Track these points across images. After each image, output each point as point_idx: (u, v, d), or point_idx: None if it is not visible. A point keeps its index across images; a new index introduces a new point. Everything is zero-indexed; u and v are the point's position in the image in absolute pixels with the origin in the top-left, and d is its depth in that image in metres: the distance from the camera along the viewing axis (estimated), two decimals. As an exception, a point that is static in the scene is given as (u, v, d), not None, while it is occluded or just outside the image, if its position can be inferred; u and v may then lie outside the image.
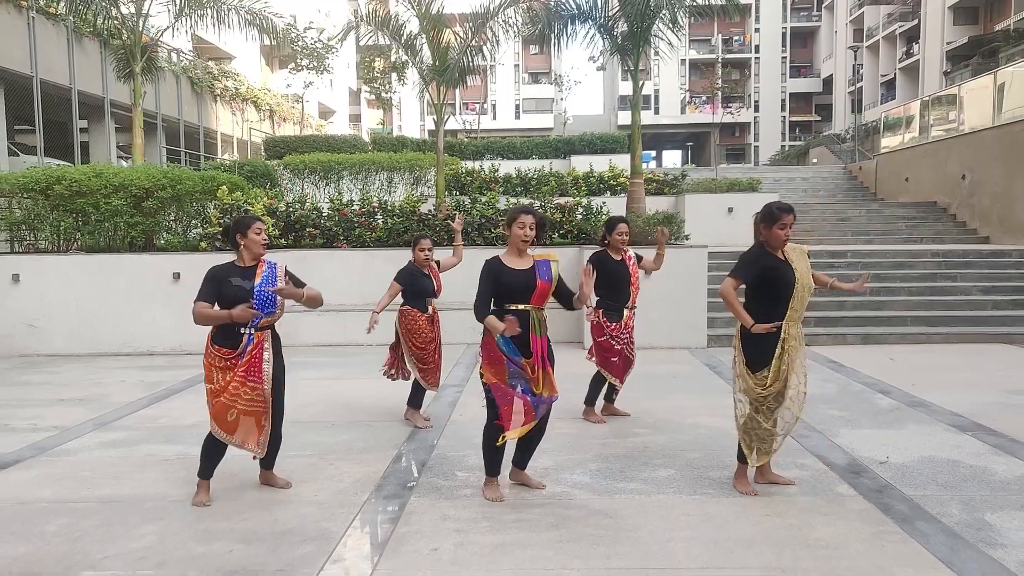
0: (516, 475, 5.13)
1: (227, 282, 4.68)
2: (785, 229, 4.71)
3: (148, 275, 10.98)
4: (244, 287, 4.69)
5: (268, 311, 4.74)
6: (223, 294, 4.67)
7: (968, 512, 4.53)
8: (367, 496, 4.95)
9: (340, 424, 6.78)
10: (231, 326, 4.67)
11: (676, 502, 4.78)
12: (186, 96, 29.49)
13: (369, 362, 9.86)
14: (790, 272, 4.70)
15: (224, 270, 4.76)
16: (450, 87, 14.52)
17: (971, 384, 8.29)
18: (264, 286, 4.73)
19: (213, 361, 4.72)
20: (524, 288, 4.66)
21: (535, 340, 4.67)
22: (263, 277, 4.75)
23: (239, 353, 4.69)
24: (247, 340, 4.70)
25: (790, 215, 4.74)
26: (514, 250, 4.77)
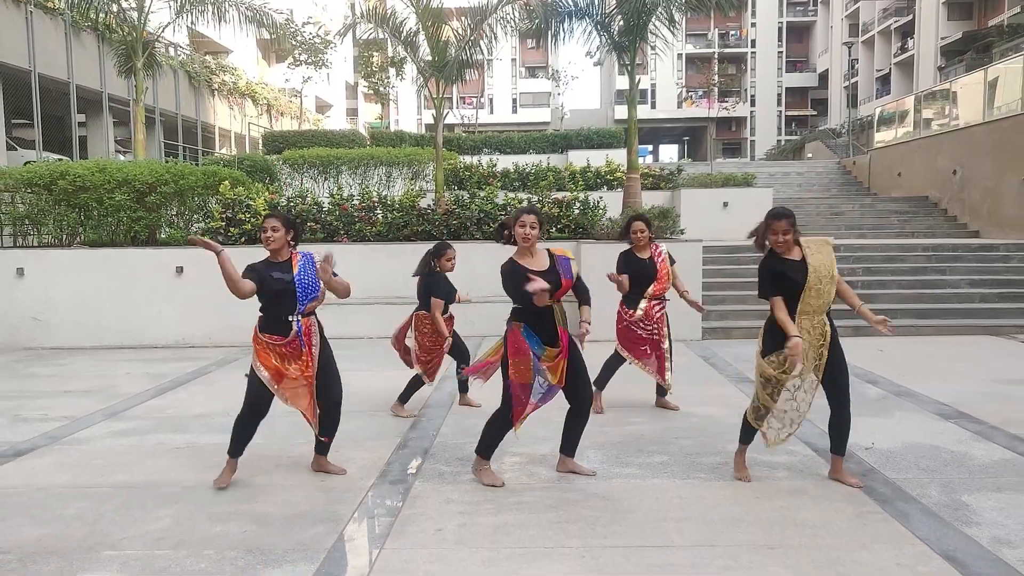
0: (563, 464, 5.28)
1: (269, 276, 4.88)
2: (776, 236, 4.75)
3: (151, 269, 11.17)
4: (285, 279, 4.92)
5: (311, 297, 4.99)
6: (267, 285, 4.88)
7: (946, 493, 4.75)
8: (373, 481, 5.15)
9: (344, 414, 6.91)
10: (278, 315, 4.92)
11: (670, 486, 4.99)
12: (184, 91, 29.61)
13: (370, 355, 10.07)
14: (801, 271, 4.76)
15: (262, 265, 4.96)
16: (449, 83, 14.70)
17: (958, 374, 8.51)
18: (304, 275, 4.97)
19: (263, 347, 4.97)
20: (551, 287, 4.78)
21: (561, 332, 4.91)
22: (300, 267, 4.99)
23: (291, 340, 4.94)
24: (296, 327, 4.95)
25: (780, 221, 4.74)
26: (523, 251, 4.92)
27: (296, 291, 4.93)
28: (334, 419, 5.30)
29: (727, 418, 6.69)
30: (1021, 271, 13.06)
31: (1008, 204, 16.60)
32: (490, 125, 54.96)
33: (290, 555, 4.01)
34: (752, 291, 12.53)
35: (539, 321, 4.85)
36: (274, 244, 4.99)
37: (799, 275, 4.78)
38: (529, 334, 4.82)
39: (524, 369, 4.85)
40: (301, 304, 4.97)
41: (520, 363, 4.85)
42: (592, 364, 8.10)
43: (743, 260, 13.73)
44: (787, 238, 4.76)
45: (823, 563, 3.84)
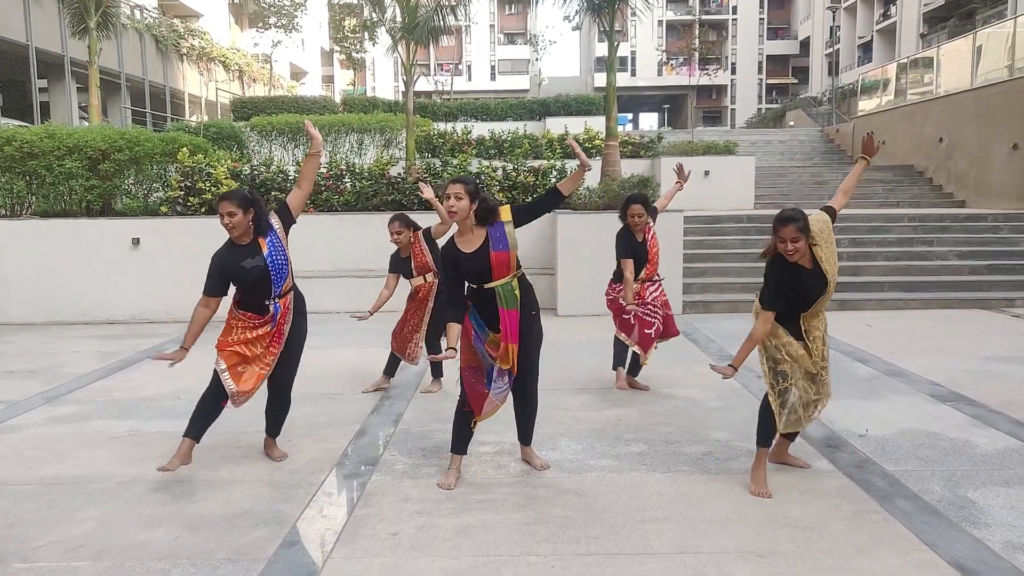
0: (522, 452, 4.91)
1: (241, 268, 4.46)
2: (784, 244, 4.10)
3: (106, 241, 10.59)
4: (258, 265, 4.49)
5: (285, 276, 4.61)
6: (241, 279, 4.48)
7: (950, 489, 4.37)
8: (325, 475, 4.71)
9: (302, 397, 6.41)
10: (255, 295, 4.55)
11: (649, 480, 4.59)
12: (151, 55, 28.66)
13: (337, 331, 9.59)
14: (818, 280, 4.22)
15: (229, 256, 4.51)
16: (420, 45, 14.10)
17: (948, 351, 8.17)
18: (275, 255, 4.55)
19: (238, 323, 4.60)
20: (480, 271, 4.33)
21: (503, 314, 4.38)
22: (268, 247, 4.54)
23: (268, 320, 4.59)
24: (274, 309, 4.59)
25: (787, 227, 4.08)
26: (462, 227, 4.38)
27: (271, 275, 4.51)
28: (282, 401, 4.95)
29: (709, 401, 6.31)
30: (1011, 242, 12.75)
31: (996, 173, 16.28)
32: (468, 92, 54.05)
33: (224, 567, 3.57)
34: (735, 263, 12.26)
35: (480, 302, 4.40)
36: (236, 231, 4.48)
37: (817, 284, 4.24)
38: (474, 316, 4.40)
39: (469, 351, 4.46)
40: (276, 287, 4.57)
41: (465, 345, 4.45)
42: (577, 338, 7.71)
43: (725, 231, 13.33)
44: (797, 246, 4.09)
45: (819, 572, 3.45)
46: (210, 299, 4.50)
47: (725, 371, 4.29)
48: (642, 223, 6.26)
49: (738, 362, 4.29)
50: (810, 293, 4.25)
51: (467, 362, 4.48)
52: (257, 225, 4.52)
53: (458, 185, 4.28)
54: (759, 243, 12.82)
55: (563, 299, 10.67)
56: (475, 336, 4.40)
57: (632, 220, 6.23)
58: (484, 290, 4.36)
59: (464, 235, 4.39)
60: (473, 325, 4.40)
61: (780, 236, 4.12)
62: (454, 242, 4.39)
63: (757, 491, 4.32)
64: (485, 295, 4.37)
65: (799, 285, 4.22)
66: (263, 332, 4.61)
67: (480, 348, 4.42)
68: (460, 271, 4.35)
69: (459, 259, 4.34)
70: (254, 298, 4.57)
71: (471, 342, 4.43)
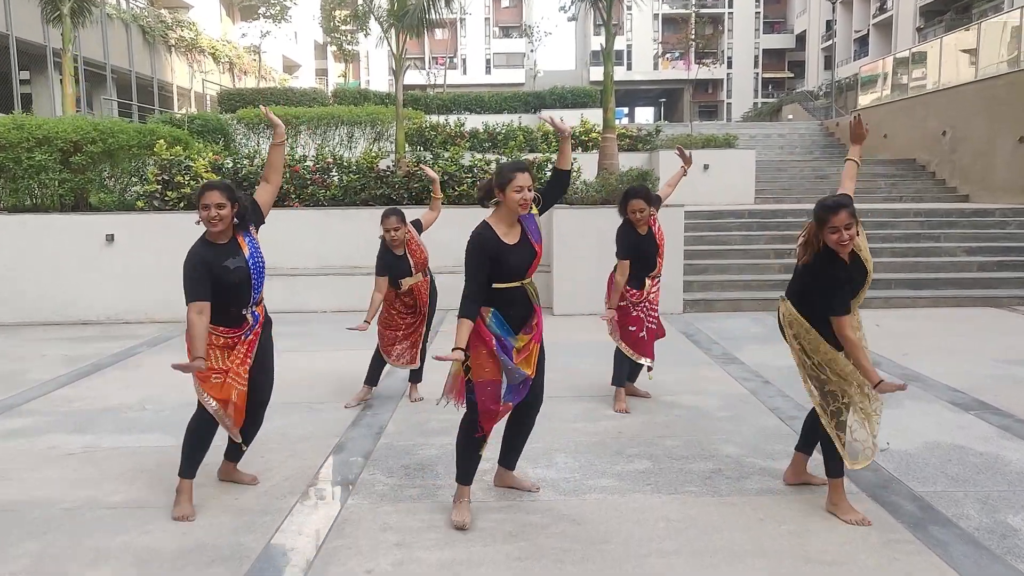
0: (503, 478, 4.35)
1: (224, 268, 3.93)
2: (838, 233, 3.67)
3: (79, 237, 10.10)
4: (241, 266, 3.98)
5: (263, 280, 4.13)
6: (225, 281, 3.93)
7: (988, 514, 3.94)
8: (296, 499, 4.25)
9: (279, 406, 5.97)
10: (233, 303, 4.00)
11: (654, 503, 4.14)
12: (137, 46, 28.11)
13: (322, 332, 9.15)
14: (860, 271, 3.84)
15: (209, 254, 3.94)
16: (411, 35, 13.59)
17: (964, 352, 7.75)
18: (255, 256, 4.08)
19: (209, 341, 3.95)
20: (523, 265, 3.87)
21: (537, 311, 3.99)
22: (249, 247, 4.06)
23: (244, 332, 4.05)
24: (252, 319, 4.08)
25: (839, 213, 3.65)
26: (508, 218, 3.86)
27: (252, 277, 4.02)
28: (257, 422, 4.40)
29: (717, 410, 5.87)
30: (1020, 237, 12.34)
31: (1001, 166, 15.86)
32: (463, 86, 53.38)
33: (171, 614, 3.12)
34: (737, 260, 11.81)
35: (511, 304, 3.86)
36: (222, 225, 3.95)
37: (860, 276, 3.85)
38: (499, 321, 3.82)
39: (490, 363, 3.81)
40: (256, 292, 4.08)
41: (483, 356, 3.83)
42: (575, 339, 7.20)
43: (726, 227, 12.89)
44: (851, 233, 3.67)
45: (852, 620, 3.02)
46: (203, 304, 3.84)
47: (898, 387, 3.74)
48: (644, 217, 5.77)
49: (876, 378, 3.71)
50: (857, 285, 3.85)
51: (485, 376, 3.83)
52: (239, 222, 4.05)
53: (527, 175, 3.80)
54: (761, 239, 12.41)
55: (559, 298, 10.23)
56: (498, 345, 3.82)
57: (634, 216, 5.74)
58: (517, 289, 3.88)
59: (504, 225, 3.86)
60: (496, 332, 3.83)
61: (832, 226, 3.67)
62: (495, 232, 3.83)
63: (851, 519, 3.85)
64: (517, 294, 3.88)
65: (853, 278, 3.83)
66: (240, 348, 4.07)
67: (506, 358, 3.82)
68: (497, 264, 3.78)
69: (502, 251, 3.79)
70: (230, 306, 3.99)
71: (492, 352, 3.82)
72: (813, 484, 4.32)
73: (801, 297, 3.94)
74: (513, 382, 3.85)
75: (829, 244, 3.73)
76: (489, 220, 3.87)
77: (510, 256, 3.81)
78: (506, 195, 3.79)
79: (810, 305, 3.88)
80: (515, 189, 3.76)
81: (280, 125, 4.25)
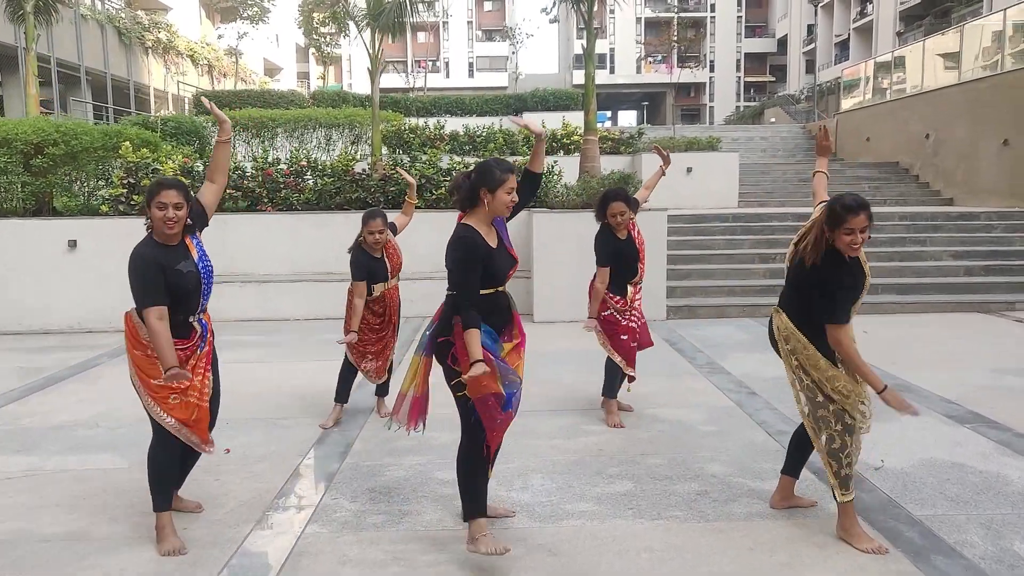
0: None
1: (177, 272, 3.59)
2: (852, 235, 3.45)
3: (41, 243, 9.71)
4: (193, 271, 3.67)
5: (211, 286, 3.81)
6: (178, 286, 3.58)
7: (992, 540, 3.67)
8: (251, 528, 3.93)
9: (241, 421, 5.72)
10: (183, 310, 3.65)
11: (636, 530, 3.85)
12: (113, 47, 27.63)
13: (293, 341, 8.83)
14: (860, 276, 3.61)
15: (161, 256, 3.60)
16: (389, 36, 13.30)
17: (955, 361, 7.53)
18: (204, 260, 3.75)
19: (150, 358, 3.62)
20: (504, 269, 3.59)
21: (517, 317, 3.72)
22: (197, 250, 3.75)
23: (197, 344, 3.71)
24: (201, 328, 3.74)
25: (860, 215, 3.44)
26: (486, 220, 3.58)
27: (202, 283, 3.71)
28: (193, 459, 4.06)
29: (700, 424, 5.60)
30: (1006, 241, 12.17)
31: (985, 169, 15.73)
32: (447, 89, 53.11)
33: (98, 667, 2.80)
34: (721, 264, 11.56)
35: (492, 312, 3.55)
36: (178, 228, 3.63)
37: (860, 281, 3.60)
38: (486, 330, 3.50)
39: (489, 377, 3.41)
40: (206, 298, 3.76)
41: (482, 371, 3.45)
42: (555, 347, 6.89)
43: (710, 231, 12.66)
44: (864, 237, 3.49)
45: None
46: (162, 309, 3.51)
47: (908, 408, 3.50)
48: (624, 221, 5.49)
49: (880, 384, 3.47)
50: (858, 288, 3.61)
51: (484, 389, 3.44)
52: (189, 223, 3.72)
53: (515, 176, 3.56)
54: (745, 243, 12.19)
55: (540, 304, 9.93)
56: (494, 354, 3.51)
57: (613, 220, 5.46)
58: (499, 295, 3.59)
59: (484, 227, 3.56)
60: (486, 340, 3.50)
61: (848, 227, 3.44)
62: (479, 233, 3.51)
63: (867, 548, 3.55)
64: (498, 301, 3.59)
65: (853, 277, 3.58)
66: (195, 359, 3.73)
67: (501, 364, 3.51)
68: (484, 270, 3.47)
69: (490, 254, 3.50)
70: (178, 314, 3.64)
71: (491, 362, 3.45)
72: (802, 507, 4.06)
73: (799, 307, 3.68)
74: (511, 389, 3.52)
75: (839, 246, 3.50)
76: (469, 222, 3.57)
77: (495, 260, 3.53)
78: (495, 196, 3.50)
79: (808, 314, 3.62)
80: (507, 191, 3.50)
81: (226, 121, 3.92)
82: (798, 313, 3.68)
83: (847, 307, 3.53)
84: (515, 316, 3.72)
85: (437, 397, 3.79)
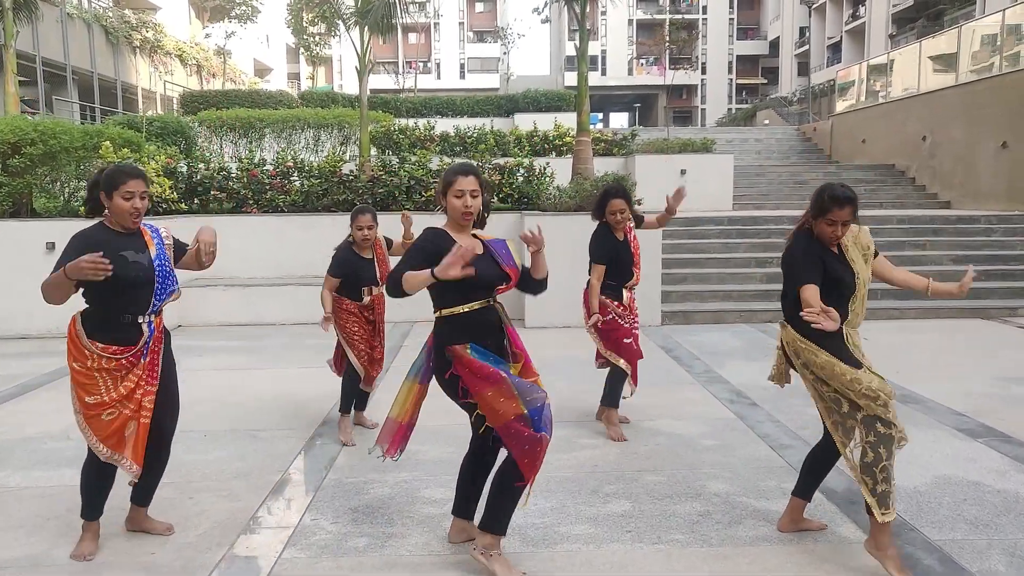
0: (460, 530, 3.70)
1: (121, 257, 3.32)
2: (834, 227, 3.39)
3: (17, 245, 9.41)
4: (141, 262, 3.39)
5: (171, 289, 3.51)
6: (120, 276, 3.29)
7: (1017, 568, 3.44)
8: (224, 552, 3.67)
9: (219, 434, 5.46)
10: (123, 314, 3.37)
11: (635, 556, 3.61)
12: (100, 47, 27.32)
13: (278, 346, 8.56)
14: (846, 270, 3.45)
15: (101, 237, 3.38)
16: (379, 36, 13.04)
17: (961, 370, 7.33)
18: (162, 259, 3.48)
19: (96, 364, 3.35)
20: (491, 281, 3.35)
21: (512, 334, 3.46)
22: (156, 247, 3.48)
23: (139, 350, 3.40)
24: (148, 332, 3.42)
25: (846, 208, 3.34)
26: (454, 226, 3.41)
27: (156, 280, 3.42)
28: (162, 461, 3.77)
29: (701, 437, 5.36)
30: (1007, 245, 12.00)
31: (982, 172, 15.57)
32: (438, 90, 52.87)
33: None
34: (717, 268, 11.33)
35: (483, 331, 3.32)
36: (139, 219, 3.46)
37: (846, 273, 3.42)
38: (480, 351, 3.26)
39: (502, 394, 3.21)
40: (158, 299, 3.46)
41: (489, 393, 3.22)
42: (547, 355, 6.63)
43: (705, 234, 12.45)
44: (847, 230, 3.43)
45: None
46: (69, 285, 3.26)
47: None
48: (624, 219, 5.27)
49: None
50: (841, 280, 3.42)
51: (507, 413, 3.20)
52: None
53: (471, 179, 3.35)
54: (741, 247, 11.97)
55: (531, 309, 9.68)
56: (505, 372, 3.27)
57: (613, 218, 5.23)
58: (487, 309, 3.35)
59: (455, 231, 3.38)
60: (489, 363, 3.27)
61: (831, 219, 3.36)
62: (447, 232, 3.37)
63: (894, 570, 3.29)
64: (487, 317, 3.35)
65: (828, 265, 3.41)
66: (127, 365, 3.42)
67: (520, 382, 3.27)
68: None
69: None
70: (120, 312, 3.38)
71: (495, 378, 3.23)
72: (812, 531, 3.82)
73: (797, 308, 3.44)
74: (535, 404, 3.23)
75: (819, 235, 3.44)
76: (445, 227, 3.39)
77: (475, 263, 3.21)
78: (447, 200, 3.32)
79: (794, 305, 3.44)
80: (456, 194, 3.30)
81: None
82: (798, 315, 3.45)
83: (811, 269, 3.37)
84: (510, 333, 3.46)
85: (428, 407, 3.55)
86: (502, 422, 3.20)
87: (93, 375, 3.36)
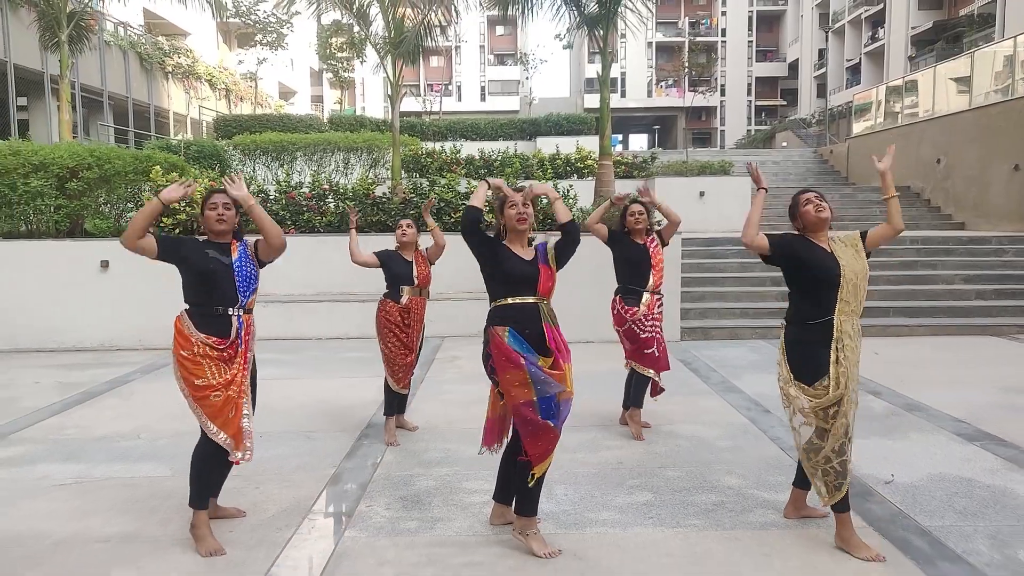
0: (500, 514, 4.20)
1: (204, 254, 3.93)
2: (810, 204, 4.04)
3: (74, 263, 10.04)
4: (222, 261, 3.97)
5: (253, 288, 4.07)
6: (197, 265, 3.91)
7: (998, 548, 3.87)
8: (292, 532, 4.16)
9: (275, 435, 5.97)
10: (213, 304, 3.93)
11: (657, 537, 4.07)
12: (135, 73, 28.17)
13: (317, 359, 9.07)
14: (832, 261, 3.96)
15: (196, 241, 4.05)
16: (406, 61, 13.63)
17: (965, 382, 7.71)
18: (243, 264, 4.04)
19: (200, 351, 3.88)
20: (526, 274, 3.94)
21: (549, 331, 3.92)
22: (239, 254, 4.05)
23: (233, 340, 3.95)
24: (238, 323, 3.97)
25: (805, 193, 4.12)
26: (514, 237, 4.03)
27: (235, 277, 3.97)
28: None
29: (717, 439, 5.81)
30: (1017, 265, 12.35)
31: (995, 194, 15.92)
32: (459, 113, 53.64)
33: (163, 654, 3.03)
34: (734, 287, 11.79)
35: (524, 321, 3.86)
36: (227, 224, 4.01)
37: (829, 261, 3.95)
38: (517, 338, 3.80)
39: (520, 378, 3.75)
40: (243, 294, 3.99)
41: (511, 375, 3.77)
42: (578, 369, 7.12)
43: (723, 253, 12.88)
44: (824, 205, 4.04)
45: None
46: (149, 236, 3.85)
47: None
48: (640, 221, 5.86)
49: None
50: (823, 266, 3.94)
51: (519, 397, 3.76)
52: (237, 230, 4.11)
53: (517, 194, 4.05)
54: (757, 266, 12.38)
55: (555, 325, 10.14)
56: (527, 360, 3.78)
57: (632, 218, 5.83)
58: (530, 306, 3.92)
59: (516, 245, 4.06)
60: (517, 348, 3.80)
61: (803, 203, 4.08)
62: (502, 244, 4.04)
63: (864, 556, 3.76)
64: (529, 311, 3.91)
65: (810, 253, 3.99)
66: (234, 355, 3.96)
67: (535, 369, 3.78)
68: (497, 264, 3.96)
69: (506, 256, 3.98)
70: (210, 303, 3.90)
71: (518, 364, 3.75)
72: (815, 518, 4.25)
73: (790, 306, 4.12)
74: (545, 394, 3.75)
75: (807, 222, 4.04)
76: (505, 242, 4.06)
77: (512, 263, 3.92)
78: (504, 214, 3.99)
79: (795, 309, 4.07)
80: (509, 206, 3.97)
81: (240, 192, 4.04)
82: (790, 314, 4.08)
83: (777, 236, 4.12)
84: (549, 330, 3.91)
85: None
86: (513, 403, 3.79)
87: (199, 361, 3.88)
